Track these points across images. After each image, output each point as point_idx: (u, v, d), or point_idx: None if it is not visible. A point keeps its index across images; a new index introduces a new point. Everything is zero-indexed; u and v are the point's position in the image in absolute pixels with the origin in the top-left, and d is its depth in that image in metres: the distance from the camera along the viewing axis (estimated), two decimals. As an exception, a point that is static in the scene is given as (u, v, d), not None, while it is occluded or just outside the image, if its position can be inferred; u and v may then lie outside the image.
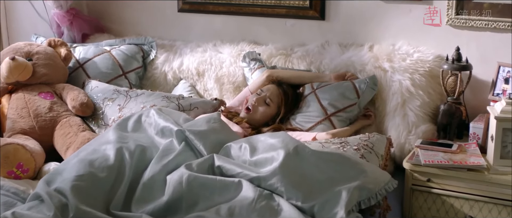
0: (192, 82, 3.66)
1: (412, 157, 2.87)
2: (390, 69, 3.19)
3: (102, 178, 2.44)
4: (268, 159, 2.49)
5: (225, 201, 2.36)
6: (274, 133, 2.73)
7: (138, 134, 2.76)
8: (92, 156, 2.54)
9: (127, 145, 2.60)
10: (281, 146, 2.50)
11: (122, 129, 2.77)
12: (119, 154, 2.54)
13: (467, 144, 2.94)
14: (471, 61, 3.06)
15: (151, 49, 3.80)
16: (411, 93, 3.10)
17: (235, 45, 3.61)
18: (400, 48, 3.26)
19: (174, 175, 2.43)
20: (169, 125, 2.70)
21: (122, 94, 3.34)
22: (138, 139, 2.68)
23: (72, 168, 2.48)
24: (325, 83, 3.25)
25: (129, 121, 2.83)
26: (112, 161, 2.50)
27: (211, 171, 2.49)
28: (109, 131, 2.77)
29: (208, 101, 3.28)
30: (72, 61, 3.69)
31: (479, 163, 2.72)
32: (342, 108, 3.16)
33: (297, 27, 3.52)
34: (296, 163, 2.45)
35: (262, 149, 2.56)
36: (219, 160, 2.50)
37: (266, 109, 3.17)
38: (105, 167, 2.48)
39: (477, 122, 3.00)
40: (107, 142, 2.64)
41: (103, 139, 2.70)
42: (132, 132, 2.78)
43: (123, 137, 2.67)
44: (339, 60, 3.33)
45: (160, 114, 2.79)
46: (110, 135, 2.70)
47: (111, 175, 2.47)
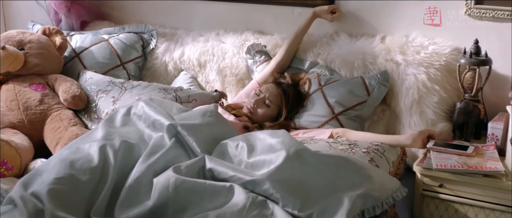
0: (194, 73, 3.46)
1: (424, 159, 2.64)
2: (403, 62, 2.95)
3: (83, 182, 2.24)
4: (266, 161, 2.28)
5: (214, 207, 2.15)
6: (274, 131, 2.50)
7: (127, 128, 2.54)
8: (74, 156, 2.33)
9: (112, 142, 2.39)
10: (281, 148, 2.29)
11: (110, 124, 2.56)
12: (102, 153, 2.33)
13: (484, 146, 2.70)
14: (491, 55, 2.81)
15: (151, 38, 3.60)
16: (428, 88, 2.87)
17: (239, 35, 3.39)
18: (414, 39, 3.01)
19: (161, 178, 2.22)
20: (160, 119, 2.47)
21: (117, 86, 3.15)
22: (125, 134, 2.47)
23: (52, 169, 2.28)
24: (334, 80, 3.03)
25: (117, 115, 2.62)
26: (95, 162, 2.30)
27: (202, 174, 2.28)
28: (98, 127, 2.57)
29: (207, 93, 3.08)
30: (68, 50, 3.52)
31: (497, 168, 2.48)
32: (350, 107, 2.94)
33: (304, 15, 3.28)
34: (295, 167, 2.24)
35: (261, 150, 2.35)
36: (211, 162, 2.29)
37: (266, 111, 2.96)
38: (88, 169, 2.28)
39: (497, 121, 2.75)
40: (93, 139, 2.44)
41: (90, 137, 2.50)
42: (121, 126, 2.56)
43: (109, 133, 2.46)
44: (348, 51, 3.10)
45: (150, 105, 2.57)
46: (98, 132, 2.50)
47: (94, 178, 2.26)
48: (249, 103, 2.98)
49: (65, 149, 2.43)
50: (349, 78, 3.03)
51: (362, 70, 3.04)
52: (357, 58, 3.05)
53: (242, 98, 3.15)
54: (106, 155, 2.33)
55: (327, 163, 2.29)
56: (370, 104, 2.96)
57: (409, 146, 2.76)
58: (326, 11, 3.17)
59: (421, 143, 2.70)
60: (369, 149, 2.59)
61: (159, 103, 2.64)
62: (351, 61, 3.06)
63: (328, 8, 3.17)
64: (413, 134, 2.74)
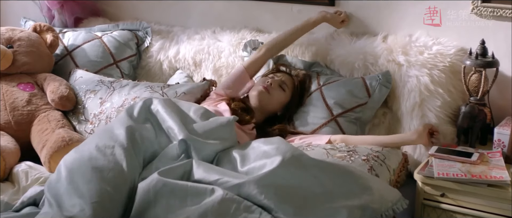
0: (189, 72, 3.33)
1: (425, 167, 2.49)
2: (405, 63, 2.80)
3: (116, 200, 2.10)
4: (260, 167, 2.16)
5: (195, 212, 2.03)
6: (268, 139, 2.35)
7: (146, 128, 2.36)
8: (103, 163, 2.16)
9: (137, 149, 2.25)
10: (276, 153, 2.17)
11: (130, 121, 2.36)
12: (129, 164, 2.18)
13: (490, 153, 2.55)
14: (499, 56, 2.65)
15: (146, 35, 3.48)
16: (431, 91, 2.71)
17: (236, 33, 3.26)
18: (417, 39, 2.86)
19: (143, 183, 2.11)
20: (174, 128, 2.30)
21: (106, 85, 3.04)
22: (146, 135, 2.32)
23: (84, 182, 2.10)
24: (334, 79, 2.89)
25: (136, 109, 2.42)
26: (126, 176, 2.15)
27: (186, 177, 2.16)
28: (118, 122, 2.36)
29: (196, 85, 2.95)
30: (60, 48, 3.41)
31: (502, 177, 2.33)
32: (349, 109, 2.80)
33: (304, 13, 3.14)
34: (290, 172, 2.11)
35: (254, 157, 2.23)
36: (199, 167, 2.17)
37: (281, 95, 2.84)
38: (120, 184, 2.12)
39: (503, 127, 2.60)
40: (118, 141, 2.25)
41: (113, 135, 2.29)
42: (142, 123, 2.38)
43: (133, 139, 2.28)
44: (348, 51, 2.94)
45: (165, 108, 2.39)
46: (120, 130, 2.30)
47: (124, 195, 2.12)
48: (262, 82, 2.83)
49: (91, 148, 2.24)
50: (349, 79, 2.90)
51: (363, 72, 2.90)
52: (358, 58, 2.90)
53: (230, 87, 2.94)
54: (134, 168, 2.19)
55: (325, 169, 2.16)
56: (370, 107, 2.82)
57: (415, 143, 2.64)
58: (338, 20, 3.02)
59: (426, 138, 2.59)
60: (369, 156, 2.47)
61: (175, 106, 2.46)
62: (351, 62, 2.92)
63: (340, 16, 3.03)
64: (417, 129, 2.63)
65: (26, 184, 2.59)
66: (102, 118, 2.89)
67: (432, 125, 2.65)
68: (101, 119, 2.89)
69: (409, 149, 2.72)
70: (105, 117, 2.89)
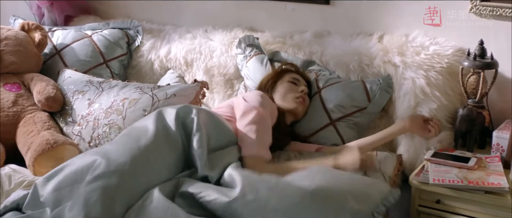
0: (181, 72, 3.24)
1: (420, 172, 2.40)
2: (401, 64, 2.71)
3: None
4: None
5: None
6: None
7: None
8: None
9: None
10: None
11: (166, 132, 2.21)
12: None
13: (488, 158, 2.46)
14: (499, 57, 2.56)
15: (137, 34, 3.39)
16: (426, 94, 2.62)
17: (228, 32, 3.17)
18: (414, 39, 2.77)
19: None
20: (197, 162, 2.17)
21: (95, 86, 2.94)
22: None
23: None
24: (333, 82, 2.80)
25: (169, 119, 2.25)
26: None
27: (171, 196, 2.07)
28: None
29: (186, 87, 2.82)
30: (49, 47, 3.33)
31: (500, 184, 2.24)
32: (348, 113, 2.72)
33: (298, 11, 3.06)
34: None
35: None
36: (186, 185, 2.09)
37: (308, 101, 2.76)
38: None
39: (502, 130, 2.51)
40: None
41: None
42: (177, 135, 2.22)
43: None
44: (343, 51, 2.86)
45: (199, 131, 2.20)
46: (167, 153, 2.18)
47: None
48: (295, 93, 2.67)
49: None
50: (349, 81, 2.80)
51: (358, 73, 2.81)
52: (353, 59, 2.81)
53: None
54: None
55: (305, 198, 1.96)
56: (370, 112, 2.74)
57: (406, 131, 2.58)
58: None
59: (419, 128, 2.53)
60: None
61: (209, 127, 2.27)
62: (346, 63, 2.83)
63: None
64: (405, 118, 2.59)
65: (9, 188, 2.50)
66: (89, 120, 2.81)
67: (424, 115, 2.59)
68: (89, 121, 2.80)
69: (404, 147, 2.63)
70: (93, 118, 2.80)
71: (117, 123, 2.72)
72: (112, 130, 2.71)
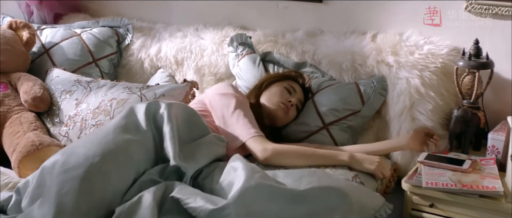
0: (171, 71, 3.18)
1: (413, 175, 2.34)
2: (395, 64, 2.64)
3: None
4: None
5: None
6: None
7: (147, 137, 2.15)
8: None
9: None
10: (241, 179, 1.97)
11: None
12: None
13: (483, 160, 2.39)
14: (495, 56, 2.50)
15: (127, 32, 3.33)
16: (421, 95, 2.55)
17: (219, 30, 3.10)
18: (408, 38, 2.70)
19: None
20: (169, 151, 2.09)
21: (83, 85, 2.88)
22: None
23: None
24: (326, 85, 2.74)
25: (139, 116, 2.17)
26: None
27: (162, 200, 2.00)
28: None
29: (175, 87, 2.77)
30: (37, 46, 3.27)
31: (495, 188, 2.17)
32: (342, 117, 2.65)
33: (290, 10, 3.00)
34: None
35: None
36: (175, 189, 2.01)
37: (294, 114, 2.68)
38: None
39: (498, 132, 2.44)
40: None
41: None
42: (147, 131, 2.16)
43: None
44: (336, 51, 2.79)
45: (171, 125, 2.13)
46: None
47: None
48: (283, 99, 2.61)
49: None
50: (343, 84, 2.73)
51: (351, 72, 2.74)
52: (346, 58, 2.75)
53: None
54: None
55: (294, 198, 1.93)
56: (364, 115, 2.67)
57: (406, 148, 2.50)
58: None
59: (419, 143, 2.45)
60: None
61: (181, 120, 2.21)
62: (339, 62, 2.76)
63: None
64: (408, 134, 2.50)
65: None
66: (77, 120, 2.75)
67: (428, 128, 2.50)
68: (76, 122, 2.75)
69: (404, 153, 2.56)
70: (80, 119, 2.74)
71: (105, 123, 2.66)
72: (99, 131, 2.65)
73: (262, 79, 2.73)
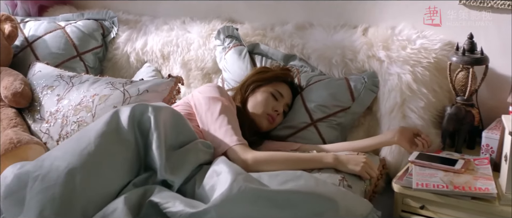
0: (157, 65, 3.09)
1: (404, 175, 2.25)
2: (386, 59, 2.55)
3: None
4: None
5: None
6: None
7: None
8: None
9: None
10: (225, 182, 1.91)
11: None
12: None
13: (477, 160, 2.30)
14: (491, 52, 2.40)
15: (113, 25, 3.23)
16: (413, 91, 2.46)
17: (206, 24, 3.01)
18: (400, 32, 2.60)
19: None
20: (156, 162, 2.00)
21: (65, 80, 2.79)
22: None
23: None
24: (316, 80, 2.64)
25: (122, 119, 2.07)
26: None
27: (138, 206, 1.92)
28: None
29: (160, 82, 2.67)
30: (20, 39, 3.19)
31: (488, 189, 2.08)
32: (331, 113, 2.55)
33: (280, 2, 2.89)
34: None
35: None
36: (154, 193, 1.93)
37: (280, 119, 2.58)
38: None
39: (492, 130, 2.35)
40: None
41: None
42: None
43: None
44: (325, 45, 2.69)
45: (158, 129, 2.04)
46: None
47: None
48: (268, 109, 2.50)
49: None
50: (332, 79, 2.64)
51: (341, 67, 2.65)
52: (335, 53, 2.65)
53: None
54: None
55: (280, 201, 1.87)
56: (353, 112, 2.58)
57: (393, 143, 2.40)
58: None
59: (406, 141, 2.36)
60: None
61: (168, 125, 2.11)
62: (328, 57, 2.67)
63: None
64: (395, 129, 2.41)
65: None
66: (58, 117, 2.66)
67: (417, 129, 2.41)
68: (58, 118, 2.66)
69: (388, 147, 2.47)
70: (61, 115, 2.65)
71: (87, 120, 2.58)
72: (81, 128, 2.56)
73: (247, 77, 2.61)
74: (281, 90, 2.56)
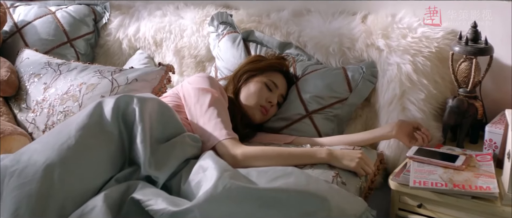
0: (150, 52, 2.99)
1: (401, 172, 2.14)
2: (385, 48, 2.43)
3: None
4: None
5: None
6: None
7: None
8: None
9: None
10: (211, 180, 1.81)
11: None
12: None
13: (479, 156, 2.18)
14: (495, 41, 2.27)
15: (105, 10, 3.13)
16: (413, 82, 2.34)
17: (200, 9, 2.90)
18: (401, 19, 2.48)
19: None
20: (140, 157, 1.92)
21: (53, 68, 2.69)
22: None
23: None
24: (312, 69, 2.53)
25: (105, 111, 1.98)
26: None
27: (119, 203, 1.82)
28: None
29: (150, 71, 2.57)
30: (9, 25, 3.09)
31: (489, 188, 1.96)
32: (327, 105, 2.44)
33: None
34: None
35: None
36: (136, 190, 1.84)
37: (275, 110, 2.47)
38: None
39: (496, 124, 2.23)
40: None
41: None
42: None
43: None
44: (322, 33, 2.57)
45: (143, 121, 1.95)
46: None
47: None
48: (262, 101, 2.40)
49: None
50: (329, 69, 2.52)
51: (339, 56, 2.53)
52: (333, 41, 2.53)
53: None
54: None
55: (269, 200, 1.77)
56: (351, 103, 2.47)
57: (391, 137, 2.29)
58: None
59: (405, 136, 2.25)
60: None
61: (154, 117, 2.03)
62: (325, 45, 2.55)
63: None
64: (393, 122, 2.29)
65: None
66: (44, 106, 2.56)
67: (417, 122, 2.29)
68: (44, 108, 2.56)
69: (385, 141, 2.35)
70: (48, 105, 2.56)
71: (73, 110, 2.48)
72: (67, 118, 2.46)
73: (241, 67, 2.50)
74: (276, 80, 2.45)
